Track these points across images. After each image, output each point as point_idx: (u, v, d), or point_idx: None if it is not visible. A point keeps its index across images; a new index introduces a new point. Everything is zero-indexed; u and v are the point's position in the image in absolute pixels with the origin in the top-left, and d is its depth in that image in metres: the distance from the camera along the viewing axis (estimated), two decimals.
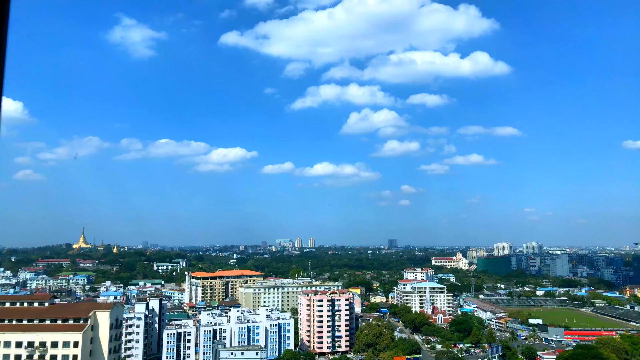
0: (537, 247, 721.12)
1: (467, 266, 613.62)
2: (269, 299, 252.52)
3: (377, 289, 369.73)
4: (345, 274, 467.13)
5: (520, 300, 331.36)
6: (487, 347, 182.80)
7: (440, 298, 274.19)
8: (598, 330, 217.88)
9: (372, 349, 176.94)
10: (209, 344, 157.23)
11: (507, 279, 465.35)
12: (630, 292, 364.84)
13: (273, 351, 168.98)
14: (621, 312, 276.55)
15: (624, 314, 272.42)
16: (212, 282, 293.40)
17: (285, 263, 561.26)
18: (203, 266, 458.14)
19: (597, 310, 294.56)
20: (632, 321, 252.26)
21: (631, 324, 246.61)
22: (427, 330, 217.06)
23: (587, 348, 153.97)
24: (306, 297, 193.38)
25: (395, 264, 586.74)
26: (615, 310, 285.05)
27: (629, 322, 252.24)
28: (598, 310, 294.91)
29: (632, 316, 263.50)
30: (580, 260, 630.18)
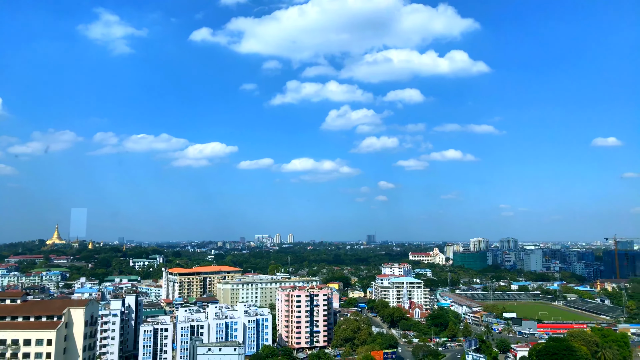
0: (512, 242, 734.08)
1: (443, 261, 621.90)
2: (247, 295, 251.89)
3: (355, 284, 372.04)
4: (324, 269, 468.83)
5: (496, 294, 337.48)
6: (463, 341, 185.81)
7: (418, 293, 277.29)
8: (570, 323, 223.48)
9: (350, 343, 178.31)
10: (186, 340, 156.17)
11: (483, 273, 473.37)
12: (600, 286, 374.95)
13: (251, 347, 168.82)
14: (592, 306, 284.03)
15: (595, 307, 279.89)
16: (189, 278, 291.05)
17: (264, 259, 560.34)
18: (180, 262, 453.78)
19: (568, 304, 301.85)
20: (602, 314, 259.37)
21: (601, 317, 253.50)
22: (405, 325, 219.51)
23: (559, 340, 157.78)
24: (285, 293, 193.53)
25: (373, 259, 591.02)
26: (586, 303, 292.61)
27: (599, 315, 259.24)
28: (570, 303, 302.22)
29: (602, 309, 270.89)
30: (553, 255, 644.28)
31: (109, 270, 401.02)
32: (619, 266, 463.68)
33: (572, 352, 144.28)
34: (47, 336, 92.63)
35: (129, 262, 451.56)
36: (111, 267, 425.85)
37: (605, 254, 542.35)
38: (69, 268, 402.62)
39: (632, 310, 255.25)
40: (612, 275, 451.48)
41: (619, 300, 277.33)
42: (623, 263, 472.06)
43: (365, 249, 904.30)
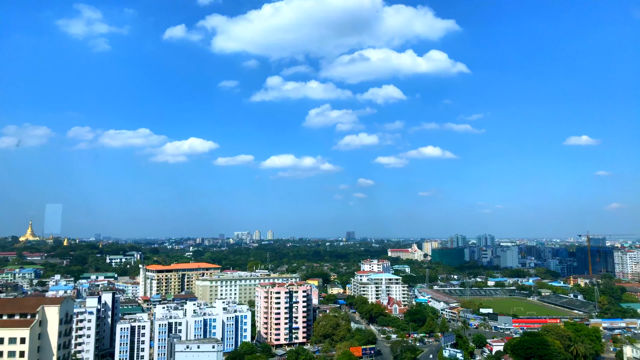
0: (489, 238, 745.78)
1: (422, 258, 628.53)
2: (226, 292, 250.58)
3: (335, 281, 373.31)
4: (304, 266, 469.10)
5: (472, 290, 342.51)
6: (440, 336, 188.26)
7: (396, 289, 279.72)
8: (544, 318, 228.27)
9: (329, 339, 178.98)
10: (164, 337, 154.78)
11: (460, 270, 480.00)
12: (574, 281, 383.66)
13: (230, 344, 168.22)
14: (565, 301, 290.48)
15: (568, 302, 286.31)
16: (167, 275, 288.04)
17: (243, 255, 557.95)
18: (158, 259, 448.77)
19: (543, 299, 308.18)
20: (575, 309, 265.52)
21: (574, 311, 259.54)
22: (383, 321, 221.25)
23: (533, 335, 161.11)
24: (264, 290, 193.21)
25: (352, 256, 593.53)
26: (559, 299, 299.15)
27: (572, 310, 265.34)
28: (544, 299, 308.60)
29: (575, 304, 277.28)
30: (528, 252, 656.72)
31: (84, 268, 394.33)
32: (591, 262, 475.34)
33: (546, 347, 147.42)
34: (20, 334, 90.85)
35: (106, 259, 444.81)
36: (87, 264, 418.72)
37: (579, 250, 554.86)
38: (43, 265, 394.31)
39: (604, 305, 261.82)
40: (585, 271, 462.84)
41: (591, 295, 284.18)
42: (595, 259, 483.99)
43: (344, 245, 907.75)
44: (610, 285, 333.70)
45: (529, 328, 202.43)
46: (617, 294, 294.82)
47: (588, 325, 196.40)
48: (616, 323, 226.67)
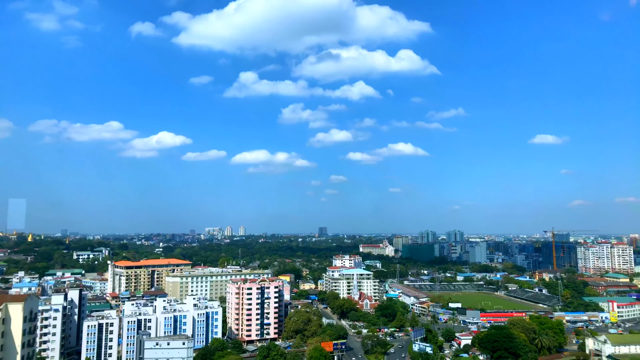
0: (459, 234, 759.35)
1: (393, 253, 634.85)
2: (197, 288, 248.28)
3: (307, 276, 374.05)
4: (276, 261, 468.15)
5: (442, 285, 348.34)
6: (410, 331, 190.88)
7: (367, 284, 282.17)
8: (510, 312, 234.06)
9: (301, 335, 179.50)
10: (133, 334, 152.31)
11: (430, 265, 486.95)
12: (539, 276, 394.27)
13: (200, 340, 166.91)
14: (530, 295, 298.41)
15: (533, 296, 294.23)
16: (136, 271, 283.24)
17: (215, 251, 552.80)
18: (127, 255, 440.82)
19: (509, 294, 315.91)
20: (540, 303, 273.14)
21: (539, 305, 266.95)
22: (354, 316, 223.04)
23: (500, 328, 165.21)
24: (235, 286, 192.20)
25: (324, 252, 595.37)
26: (525, 293, 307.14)
27: (538, 304, 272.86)
28: (510, 293, 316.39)
29: (540, 298, 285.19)
30: (496, 247, 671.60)
31: (50, 264, 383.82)
32: (556, 257, 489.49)
33: (512, 340, 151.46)
34: None
35: (73, 255, 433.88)
36: (53, 260, 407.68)
37: (544, 245, 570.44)
38: (6, 262, 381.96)
39: (567, 299, 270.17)
40: (550, 266, 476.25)
41: (555, 289, 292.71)
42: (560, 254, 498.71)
43: (317, 241, 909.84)
44: (574, 279, 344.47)
45: (496, 322, 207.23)
46: (579, 288, 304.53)
47: (552, 319, 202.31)
48: (579, 316, 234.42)
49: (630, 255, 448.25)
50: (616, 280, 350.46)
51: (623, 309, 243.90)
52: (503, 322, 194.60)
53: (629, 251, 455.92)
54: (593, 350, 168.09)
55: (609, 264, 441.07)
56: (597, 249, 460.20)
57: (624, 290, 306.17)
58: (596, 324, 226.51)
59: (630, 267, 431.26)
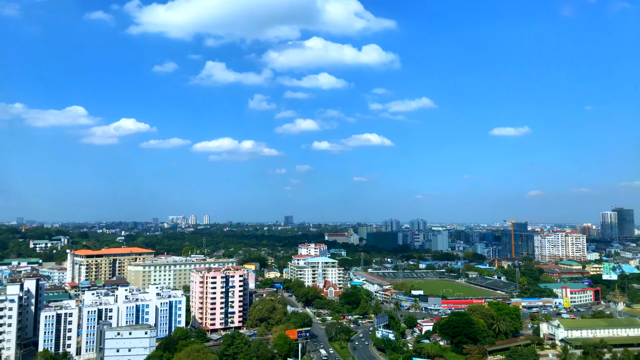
0: (422, 223, 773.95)
1: (358, 241, 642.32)
2: (160, 277, 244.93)
3: (272, 265, 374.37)
4: (241, 250, 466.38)
5: (405, 273, 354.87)
6: (373, 318, 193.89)
7: (332, 272, 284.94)
8: (470, 299, 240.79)
9: (265, 323, 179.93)
10: (93, 325, 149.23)
11: (394, 253, 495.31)
12: (498, 264, 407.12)
13: (163, 329, 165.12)
14: (490, 282, 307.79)
15: (492, 283, 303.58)
16: (97, 260, 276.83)
17: (178, 240, 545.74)
18: (88, 244, 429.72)
19: (470, 281, 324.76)
20: (499, 290, 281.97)
21: (498, 292, 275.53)
22: (319, 304, 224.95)
23: (460, 315, 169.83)
24: (199, 275, 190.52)
25: (290, 240, 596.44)
26: (485, 280, 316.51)
27: (496, 290, 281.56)
28: (471, 280, 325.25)
29: (498, 285, 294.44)
30: (458, 236, 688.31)
31: (5, 253, 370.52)
32: (514, 246, 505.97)
33: (471, 325, 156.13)
34: None
35: (29, 244, 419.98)
36: (8, 249, 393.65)
37: (503, 234, 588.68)
38: None
39: (524, 285, 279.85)
40: (509, 254, 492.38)
41: (513, 276, 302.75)
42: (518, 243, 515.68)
43: (282, 230, 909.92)
44: (530, 267, 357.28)
45: (457, 308, 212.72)
46: (535, 275, 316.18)
47: (509, 305, 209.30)
48: (534, 302, 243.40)
49: (583, 244, 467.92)
50: (570, 268, 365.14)
51: (575, 294, 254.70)
52: (463, 308, 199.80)
53: (582, 239, 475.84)
54: (547, 334, 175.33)
55: (563, 251, 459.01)
56: (553, 237, 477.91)
57: (576, 277, 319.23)
58: (550, 310, 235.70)
59: (583, 255, 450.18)
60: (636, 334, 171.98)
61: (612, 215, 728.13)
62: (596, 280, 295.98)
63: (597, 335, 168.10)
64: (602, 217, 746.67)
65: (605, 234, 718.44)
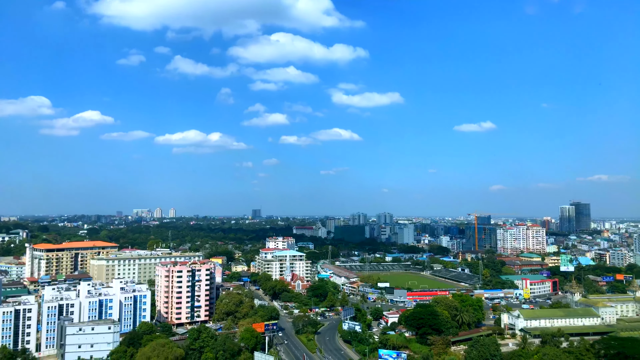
0: (388, 217, 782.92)
1: (325, 235, 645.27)
2: (125, 272, 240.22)
3: (239, 259, 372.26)
4: (207, 244, 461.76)
5: (372, 265, 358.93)
6: (340, 310, 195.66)
7: (300, 265, 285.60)
8: (434, 291, 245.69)
9: (232, 317, 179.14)
10: (53, 320, 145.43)
11: (361, 246, 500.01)
12: (462, 256, 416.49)
13: (128, 324, 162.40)
14: (454, 274, 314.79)
15: (456, 275, 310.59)
16: (58, 254, 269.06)
17: (143, 234, 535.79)
18: (48, 237, 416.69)
19: (434, 273, 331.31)
20: (462, 282, 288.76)
21: (461, 284, 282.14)
22: (286, 297, 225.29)
23: (425, 306, 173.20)
24: (165, 269, 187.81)
25: (258, 234, 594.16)
26: (449, 272, 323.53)
27: (460, 282, 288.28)
28: (436, 273, 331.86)
29: (462, 277, 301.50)
30: (423, 229, 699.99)
31: None
32: (477, 239, 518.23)
33: (436, 317, 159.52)
34: None
35: None
36: None
37: (467, 227, 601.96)
38: None
39: (487, 277, 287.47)
40: (472, 246, 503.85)
41: (476, 269, 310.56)
42: (481, 236, 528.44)
43: (250, 223, 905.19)
44: (493, 259, 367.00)
45: (422, 300, 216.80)
46: (498, 267, 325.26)
47: (472, 296, 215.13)
48: (496, 293, 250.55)
49: (543, 237, 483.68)
50: (530, 260, 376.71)
51: (535, 286, 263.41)
52: (428, 300, 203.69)
53: (542, 232, 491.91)
54: (507, 324, 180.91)
55: (524, 244, 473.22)
56: (515, 230, 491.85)
57: (536, 269, 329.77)
58: (511, 300, 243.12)
59: (542, 247, 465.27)
60: (591, 323, 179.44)
61: (570, 209, 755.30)
62: (554, 272, 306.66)
63: (555, 324, 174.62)
64: (561, 210, 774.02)
65: (563, 227, 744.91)
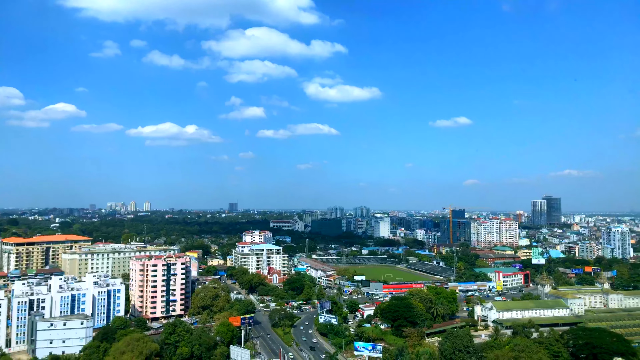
0: (365, 210, 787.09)
1: (302, 228, 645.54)
2: (98, 266, 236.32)
3: (216, 252, 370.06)
4: (183, 238, 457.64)
5: (348, 259, 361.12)
6: (317, 303, 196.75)
7: (277, 259, 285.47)
8: (410, 284, 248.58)
9: (208, 310, 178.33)
10: (24, 315, 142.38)
11: (338, 239, 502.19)
12: (437, 249, 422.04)
13: (101, 319, 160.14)
14: (429, 267, 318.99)
15: (431, 268, 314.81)
16: (28, 248, 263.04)
17: (117, 227, 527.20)
18: (18, 231, 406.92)
19: (410, 266, 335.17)
20: (437, 274, 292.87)
21: (436, 277, 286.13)
22: (263, 290, 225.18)
23: (400, 299, 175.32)
24: (139, 262, 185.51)
25: (234, 227, 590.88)
26: (424, 265, 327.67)
27: (435, 275, 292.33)
28: (411, 266, 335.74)
29: (437, 270, 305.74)
30: (399, 223, 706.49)
31: None
32: (452, 232, 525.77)
33: (411, 309, 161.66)
34: None
35: None
36: None
37: (442, 221, 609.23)
38: None
39: (461, 270, 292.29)
40: (447, 240, 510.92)
41: (451, 262, 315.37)
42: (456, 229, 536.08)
43: (227, 217, 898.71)
44: (467, 252, 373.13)
45: (397, 293, 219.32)
46: (472, 260, 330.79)
47: (447, 289, 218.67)
48: (470, 286, 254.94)
49: (515, 230, 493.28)
50: (503, 253, 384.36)
51: (507, 278, 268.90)
52: (403, 293, 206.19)
53: (515, 226, 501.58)
54: (480, 316, 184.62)
55: (498, 238, 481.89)
56: (488, 224, 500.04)
57: (509, 262, 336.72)
58: (485, 293, 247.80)
59: (515, 241, 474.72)
60: (561, 314, 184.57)
61: (542, 203, 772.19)
62: (526, 265, 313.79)
63: (526, 315, 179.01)
64: (533, 205, 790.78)
65: (535, 221, 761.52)
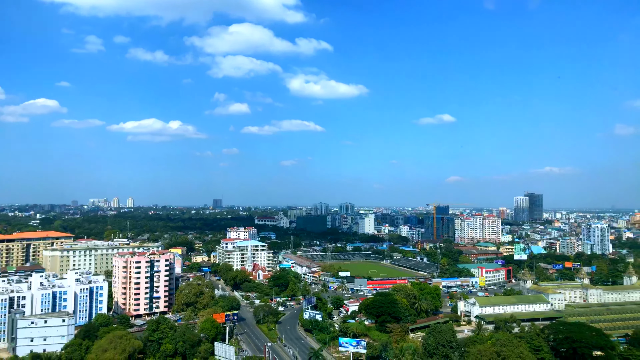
0: (350, 207, 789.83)
1: (287, 225, 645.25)
2: (80, 263, 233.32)
3: (200, 249, 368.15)
4: (167, 234, 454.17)
5: (333, 255, 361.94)
6: (301, 300, 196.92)
7: (261, 255, 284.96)
8: (394, 279, 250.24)
9: (192, 307, 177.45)
10: (4, 313, 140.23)
11: (323, 236, 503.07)
12: (421, 246, 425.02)
13: (83, 317, 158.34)
14: (413, 263, 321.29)
15: (415, 264, 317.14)
16: (8, 245, 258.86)
17: (100, 224, 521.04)
18: None
19: (394, 262, 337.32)
20: (421, 270, 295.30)
21: (420, 272, 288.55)
22: (248, 287, 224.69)
23: (385, 295, 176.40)
24: (122, 259, 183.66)
25: (219, 224, 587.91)
26: (408, 261, 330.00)
27: (419, 271, 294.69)
28: (395, 262, 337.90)
29: (421, 266, 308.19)
30: (384, 219, 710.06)
31: None
32: (436, 228, 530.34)
33: (395, 305, 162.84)
34: None
35: None
36: None
37: (426, 217, 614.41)
38: None
39: (444, 266, 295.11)
40: (431, 236, 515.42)
41: (435, 258, 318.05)
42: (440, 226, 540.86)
43: (211, 213, 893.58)
44: (451, 248, 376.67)
45: (381, 289, 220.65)
46: (455, 256, 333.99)
47: (430, 285, 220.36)
48: (453, 282, 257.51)
49: (498, 227, 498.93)
50: (486, 249, 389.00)
51: (490, 274, 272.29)
52: (388, 289, 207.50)
53: (498, 222, 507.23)
54: (463, 311, 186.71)
55: (481, 234, 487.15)
56: (472, 220, 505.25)
57: (491, 258, 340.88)
58: (468, 288, 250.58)
59: (498, 237, 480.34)
60: (542, 309, 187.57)
61: (524, 199, 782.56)
62: (508, 260, 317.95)
63: (508, 311, 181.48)
64: (515, 201, 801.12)
65: (517, 217, 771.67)
